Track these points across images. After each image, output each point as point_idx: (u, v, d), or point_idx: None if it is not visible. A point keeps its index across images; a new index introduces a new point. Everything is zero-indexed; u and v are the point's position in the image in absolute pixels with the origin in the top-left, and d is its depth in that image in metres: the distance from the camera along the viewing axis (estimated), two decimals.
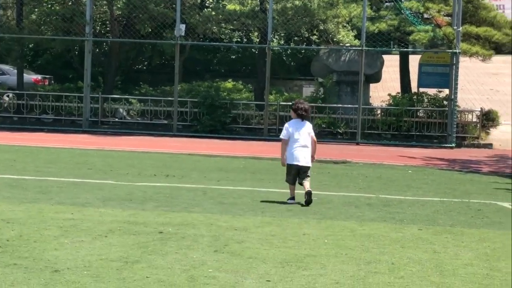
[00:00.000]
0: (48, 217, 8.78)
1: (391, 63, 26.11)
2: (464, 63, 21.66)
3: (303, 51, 29.88)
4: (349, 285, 6.50)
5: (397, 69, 25.75)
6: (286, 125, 10.96)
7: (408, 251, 7.90)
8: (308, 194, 10.53)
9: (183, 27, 20.71)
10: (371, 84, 23.67)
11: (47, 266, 6.62)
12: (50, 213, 9.07)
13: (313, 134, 11.03)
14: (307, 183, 10.70)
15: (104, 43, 26.85)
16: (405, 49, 23.47)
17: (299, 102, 11.16)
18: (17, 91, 23.13)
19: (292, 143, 10.76)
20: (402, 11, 21.77)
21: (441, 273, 7.04)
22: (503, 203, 11.46)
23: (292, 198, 10.77)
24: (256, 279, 6.56)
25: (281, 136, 10.93)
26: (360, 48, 21.28)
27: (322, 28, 26.92)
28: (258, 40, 29.48)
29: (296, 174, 10.79)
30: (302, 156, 10.77)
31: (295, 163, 10.75)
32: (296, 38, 30.02)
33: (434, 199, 11.58)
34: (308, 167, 10.84)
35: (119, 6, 22.13)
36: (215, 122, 21.39)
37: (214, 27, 21.93)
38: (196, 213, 9.59)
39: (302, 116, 10.83)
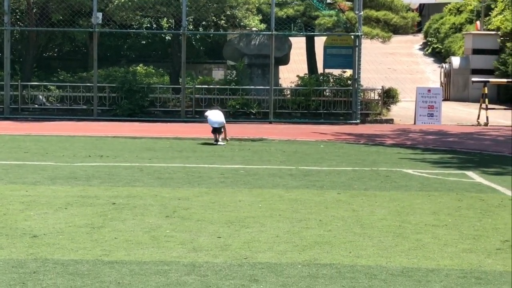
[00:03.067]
0: (7, 194, 9.58)
1: (298, 45, 27.49)
2: (363, 44, 23.27)
3: (211, 35, 30.87)
4: (287, 238, 7.71)
5: (303, 51, 27.18)
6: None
7: (332, 211, 9.19)
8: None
9: (100, 15, 21.40)
10: (280, 66, 24.99)
11: (25, 233, 7.52)
12: (7, 191, 9.87)
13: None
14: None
15: (15, 32, 27.05)
16: (312, 33, 24.87)
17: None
18: None
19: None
20: None
21: (361, 226, 8.36)
22: (407, 170, 12.95)
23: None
24: (209, 236, 7.68)
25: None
26: (270, 33, 22.52)
27: (229, 13, 27.98)
28: (167, 26, 30.28)
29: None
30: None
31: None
32: (204, 23, 30.96)
33: (347, 169, 12.94)
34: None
35: None
36: (134, 106, 22.19)
37: (130, 15, 22.67)
38: (139, 187, 10.58)
39: None
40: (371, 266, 6.65)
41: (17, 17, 26.27)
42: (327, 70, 24.23)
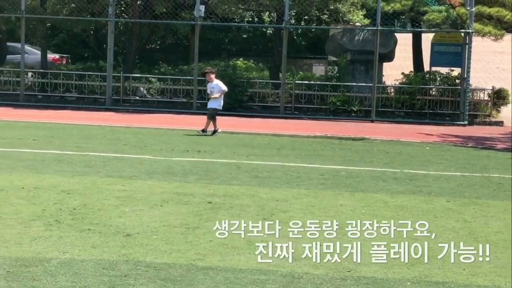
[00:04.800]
0: (103, 188, 9.39)
1: (403, 41, 26.60)
2: None
3: (313, 30, 30.34)
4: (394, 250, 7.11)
5: (409, 48, 26.27)
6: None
7: (441, 221, 8.50)
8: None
9: (202, 8, 21.25)
10: (384, 63, 24.21)
11: (118, 231, 7.24)
12: (103, 184, 9.68)
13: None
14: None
15: (119, 23, 27.37)
16: (420, 30, 23.98)
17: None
18: (42, 70, 23.72)
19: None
20: None
21: (475, 239, 7.65)
22: None
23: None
24: (310, 243, 7.17)
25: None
26: (375, 28, 21.80)
27: (332, 7, 27.37)
28: (269, 20, 29.95)
29: None
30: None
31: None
32: (306, 17, 30.46)
33: (456, 174, 12.16)
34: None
35: None
36: (233, 100, 21.95)
37: (232, 8, 22.45)
38: (235, 185, 10.19)
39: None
40: (488, 286, 6.00)
41: (122, 9, 26.53)
42: (433, 68, 23.31)
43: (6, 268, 5.89)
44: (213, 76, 16.93)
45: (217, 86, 16.91)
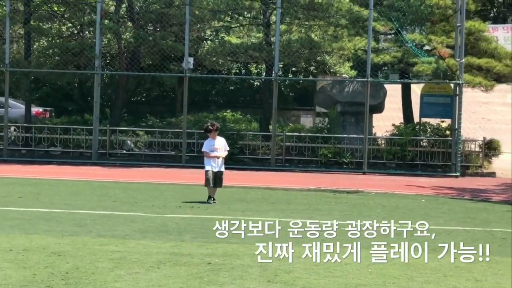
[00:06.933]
0: (95, 250, 8.91)
1: (393, 93, 26.51)
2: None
3: (300, 81, 30.24)
4: None
5: (397, 99, 26.18)
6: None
7: (451, 280, 8.12)
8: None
9: (191, 60, 21.01)
10: (374, 114, 24.06)
11: None
12: (95, 245, 9.20)
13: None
14: None
15: (104, 76, 27.07)
16: (410, 81, 23.90)
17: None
18: (26, 124, 23.27)
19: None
20: (405, 43, 22.29)
21: None
22: None
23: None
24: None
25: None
26: (365, 80, 21.66)
27: (319, 59, 27.30)
28: (256, 71, 29.84)
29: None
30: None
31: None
32: (293, 69, 30.38)
33: (458, 228, 11.80)
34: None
35: (127, 39, 22.43)
36: None
37: (221, 60, 22.27)
38: (234, 244, 9.72)
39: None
40: None
41: (107, 61, 26.28)
42: (423, 119, 23.16)
43: None
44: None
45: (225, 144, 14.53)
